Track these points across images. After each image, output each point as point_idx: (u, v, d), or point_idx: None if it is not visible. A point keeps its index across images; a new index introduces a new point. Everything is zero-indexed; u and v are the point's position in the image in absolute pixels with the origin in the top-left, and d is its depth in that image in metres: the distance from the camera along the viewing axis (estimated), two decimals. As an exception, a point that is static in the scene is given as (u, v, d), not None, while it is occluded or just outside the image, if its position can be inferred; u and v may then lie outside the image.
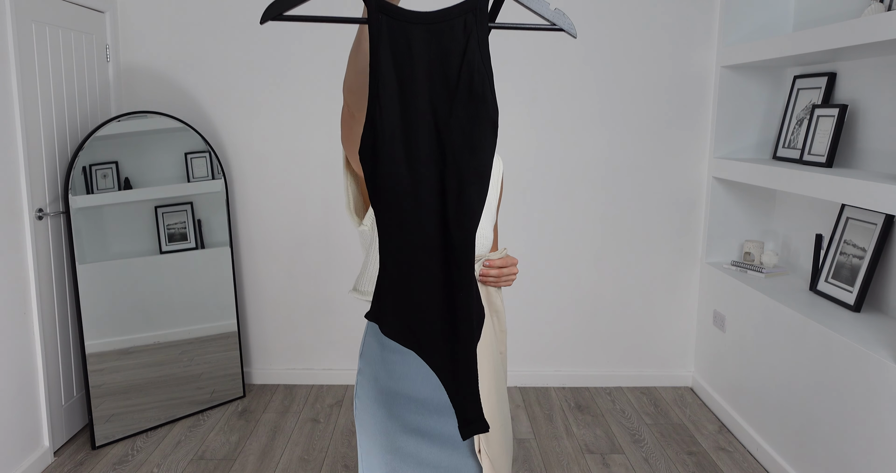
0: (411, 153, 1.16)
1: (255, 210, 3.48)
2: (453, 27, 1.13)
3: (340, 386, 3.57)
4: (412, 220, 1.19)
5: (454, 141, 1.17)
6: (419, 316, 1.23)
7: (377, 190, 1.17)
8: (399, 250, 1.20)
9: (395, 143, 1.15)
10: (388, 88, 1.13)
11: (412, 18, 1.11)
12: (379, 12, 1.09)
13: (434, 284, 1.22)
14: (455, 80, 1.15)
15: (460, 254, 1.21)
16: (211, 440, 2.98)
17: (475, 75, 1.15)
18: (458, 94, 1.16)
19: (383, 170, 1.15)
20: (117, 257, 3.05)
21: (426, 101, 1.16)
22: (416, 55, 1.13)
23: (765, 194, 3.33)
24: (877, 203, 2.14)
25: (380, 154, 1.14)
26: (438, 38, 1.13)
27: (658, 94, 3.37)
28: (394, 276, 1.21)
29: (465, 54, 1.14)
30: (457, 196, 1.19)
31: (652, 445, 2.96)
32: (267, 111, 3.39)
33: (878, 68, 2.54)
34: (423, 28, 1.13)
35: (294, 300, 3.55)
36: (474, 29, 1.14)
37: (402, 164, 1.16)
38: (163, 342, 3.14)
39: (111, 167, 3.04)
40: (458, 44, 1.14)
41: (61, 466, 2.74)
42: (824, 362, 2.39)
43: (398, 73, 1.13)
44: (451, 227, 1.20)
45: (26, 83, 2.63)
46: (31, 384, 2.68)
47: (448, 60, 1.15)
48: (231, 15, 3.34)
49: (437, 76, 1.15)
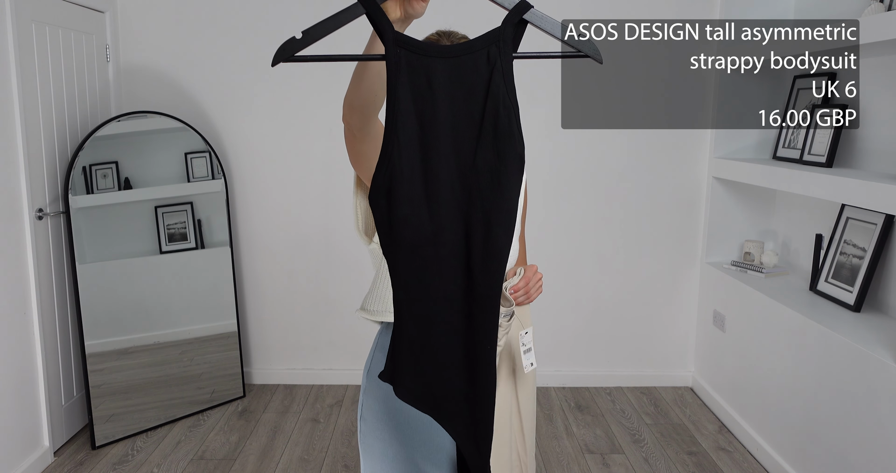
0: (432, 196, 1.07)
1: (255, 210, 3.48)
2: (476, 60, 1.06)
3: (340, 386, 3.57)
4: (433, 270, 1.09)
5: (481, 182, 1.08)
6: (440, 377, 1.12)
7: (393, 238, 1.07)
8: (417, 304, 1.09)
9: (415, 185, 1.06)
10: (408, 126, 1.05)
11: (432, 52, 1.05)
12: (397, 46, 1.03)
13: (456, 340, 1.11)
14: (480, 116, 1.07)
15: (486, 303, 1.10)
16: (211, 440, 2.98)
17: (501, 110, 1.07)
18: (483, 131, 1.07)
19: (400, 214, 1.06)
20: (117, 257, 3.05)
21: (448, 139, 1.07)
22: (437, 91, 1.06)
23: (765, 194, 3.33)
24: (877, 203, 2.14)
25: (396, 197, 1.05)
26: (460, 73, 1.06)
27: (658, 93, 3.37)
28: (412, 333, 1.10)
29: (489, 89, 1.06)
30: (483, 240, 1.09)
31: (652, 445, 2.96)
32: (267, 111, 3.39)
33: (878, 68, 2.54)
34: (444, 62, 1.05)
35: (294, 300, 3.55)
36: (498, 61, 1.06)
37: (422, 208, 1.07)
38: (163, 342, 3.14)
39: (111, 167, 3.04)
40: (482, 78, 1.06)
41: (61, 466, 2.74)
42: (824, 362, 2.39)
43: (418, 110, 1.06)
44: (476, 273, 1.10)
45: (26, 83, 2.63)
46: (31, 384, 2.68)
47: (472, 95, 1.07)
48: (231, 15, 3.34)
49: (460, 113, 1.07)
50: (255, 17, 3.32)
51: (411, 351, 1.10)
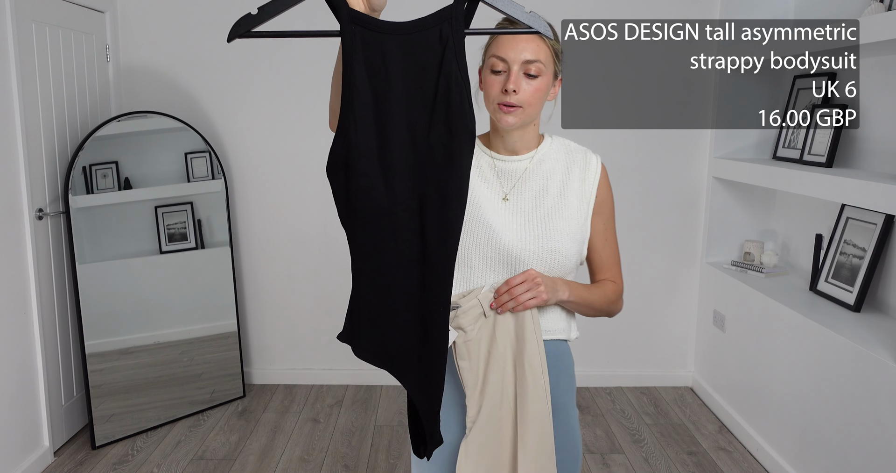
0: (387, 169, 1.11)
1: (255, 210, 3.48)
2: (429, 38, 1.09)
3: (340, 386, 3.57)
4: (389, 239, 1.14)
5: (434, 156, 1.13)
6: (395, 337, 1.20)
7: (351, 209, 1.12)
8: (375, 271, 1.16)
9: (371, 157, 1.10)
10: (363, 100, 1.08)
11: (386, 29, 1.08)
12: (352, 23, 1.06)
13: (411, 303, 1.18)
14: (433, 92, 1.11)
15: (440, 269, 1.18)
16: (211, 440, 2.98)
17: (453, 87, 1.11)
18: (436, 107, 1.11)
19: (357, 186, 1.11)
20: (117, 257, 3.05)
21: (402, 114, 1.11)
22: (391, 67, 1.09)
23: (765, 194, 3.33)
24: (877, 203, 2.14)
25: (353, 169, 1.10)
26: (414, 50, 1.09)
27: (658, 93, 3.37)
28: (369, 297, 1.17)
29: (441, 66, 1.10)
30: (437, 211, 1.15)
31: (652, 445, 2.96)
32: (267, 111, 3.39)
33: (878, 68, 2.54)
34: (398, 39, 1.08)
35: (294, 300, 3.55)
36: (450, 38, 1.09)
37: (378, 180, 1.11)
38: (163, 342, 3.14)
39: (111, 167, 3.04)
40: (435, 55, 1.09)
41: (61, 466, 2.74)
42: (824, 362, 2.39)
43: (373, 85, 1.09)
44: (431, 242, 1.16)
45: (26, 83, 2.63)
46: (31, 384, 2.68)
47: (425, 71, 1.10)
48: (231, 15, 3.32)
49: (413, 89, 1.11)
50: (255, 17, 3.32)
51: (369, 314, 1.18)
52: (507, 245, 1.34)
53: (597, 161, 1.45)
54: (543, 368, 1.32)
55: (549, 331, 1.41)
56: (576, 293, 1.38)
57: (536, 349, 1.31)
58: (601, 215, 1.44)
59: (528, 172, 1.41)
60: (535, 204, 1.38)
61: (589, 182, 1.42)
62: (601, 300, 1.44)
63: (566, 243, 1.37)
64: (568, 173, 1.42)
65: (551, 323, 1.41)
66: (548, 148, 1.44)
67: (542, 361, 1.32)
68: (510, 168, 1.41)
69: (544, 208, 1.38)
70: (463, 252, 1.35)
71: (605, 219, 1.45)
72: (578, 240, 1.40)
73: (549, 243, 1.35)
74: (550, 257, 1.36)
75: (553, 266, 1.37)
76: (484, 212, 1.36)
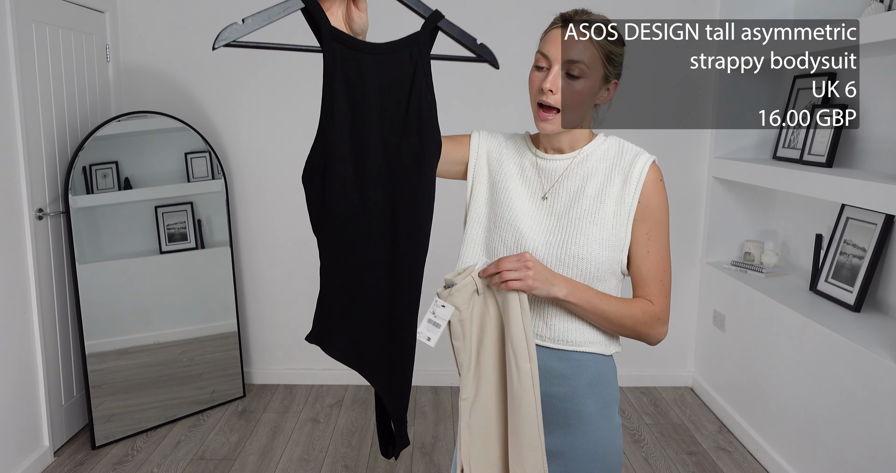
0: (361, 174, 1.19)
1: (255, 210, 3.48)
2: (400, 58, 1.21)
3: (340, 386, 3.57)
4: (362, 241, 1.21)
5: (406, 163, 1.22)
6: (364, 335, 1.24)
7: (326, 212, 1.18)
8: (347, 271, 1.21)
9: (346, 163, 1.17)
10: (341, 110, 1.16)
11: (363, 48, 1.17)
12: (333, 40, 1.14)
13: (381, 303, 1.24)
14: (405, 106, 1.21)
15: (411, 270, 1.25)
16: (211, 440, 2.98)
17: (423, 103, 1.22)
18: (408, 117, 1.21)
19: (333, 190, 1.17)
20: (117, 257, 3.05)
21: (376, 123, 1.20)
22: (367, 81, 1.18)
23: (765, 194, 3.33)
24: (877, 203, 2.14)
25: (330, 174, 1.16)
26: (387, 67, 1.19)
27: (658, 93, 3.37)
28: (341, 296, 1.22)
29: (413, 83, 1.22)
30: (409, 215, 1.22)
31: (652, 445, 2.96)
32: (267, 111, 3.39)
33: (878, 68, 2.54)
34: (374, 57, 1.18)
35: (294, 300, 3.55)
36: (419, 61, 1.22)
37: (352, 185, 1.18)
38: (163, 342, 3.14)
39: (111, 167, 3.04)
40: (406, 74, 1.21)
41: (61, 466, 2.74)
42: (824, 362, 2.39)
43: (350, 97, 1.17)
44: (402, 244, 1.23)
45: (26, 83, 2.63)
46: (31, 384, 2.68)
47: (397, 87, 1.21)
48: (231, 15, 3.33)
49: (387, 101, 1.20)
50: (255, 17, 3.32)
51: (340, 314, 1.22)
52: (533, 249, 1.31)
53: (644, 165, 1.32)
54: (532, 355, 1.25)
55: (568, 341, 1.32)
56: (580, 296, 1.27)
57: (522, 334, 1.25)
58: (644, 223, 1.31)
59: (569, 171, 1.35)
60: (569, 206, 1.32)
61: (631, 186, 1.31)
62: (622, 315, 1.30)
63: (595, 249, 1.28)
64: (610, 176, 1.33)
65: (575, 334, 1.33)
66: (595, 147, 1.36)
67: (531, 348, 1.25)
68: (551, 167, 1.36)
69: (578, 210, 1.31)
70: (493, 253, 1.35)
71: (649, 228, 1.31)
72: (611, 247, 1.30)
73: (575, 249, 1.29)
74: (574, 263, 1.28)
75: (577, 273, 1.29)
76: (515, 214, 1.34)
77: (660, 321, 1.33)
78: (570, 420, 1.33)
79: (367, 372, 1.26)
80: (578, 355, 1.33)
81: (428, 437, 3.02)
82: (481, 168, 1.42)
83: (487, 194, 1.40)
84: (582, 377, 1.33)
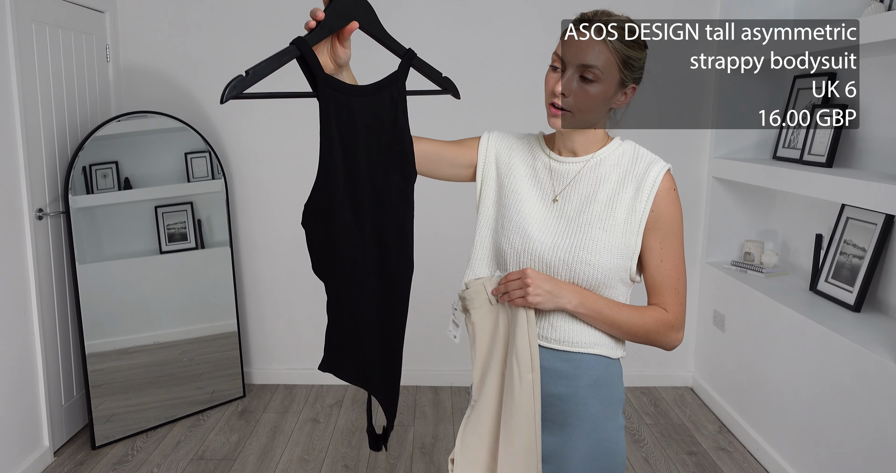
0: (356, 210, 1.25)
1: (255, 210, 3.48)
2: (382, 99, 1.28)
3: (340, 386, 3.57)
4: (362, 272, 1.28)
5: (393, 197, 1.30)
6: (368, 357, 1.34)
7: (334, 250, 1.23)
8: (351, 302, 1.29)
9: (344, 202, 1.23)
10: (337, 153, 1.22)
11: (352, 91, 1.24)
12: (326, 86, 1.20)
13: (377, 325, 1.34)
14: (388, 144, 1.29)
15: (401, 293, 1.36)
16: (211, 440, 2.98)
17: (405, 138, 1.31)
18: (392, 155, 1.29)
19: (339, 229, 1.22)
20: (117, 257, 3.05)
21: (364, 163, 1.26)
22: (357, 123, 1.24)
23: (765, 194, 3.33)
24: (877, 203, 2.14)
25: (335, 215, 1.22)
26: (372, 109, 1.27)
27: (658, 93, 3.37)
28: (348, 327, 1.30)
29: (395, 122, 1.30)
30: (399, 245, 1.32)
31: (652, 445, 2.96)
32: (267, 111, 3.39)
33: (878, 68, 2.54)
34: (361, 100, 1.25)
35: (294, 299, 3.55)
36: (399, 99, 1.31)
37: (351, 222, 1.24)
38: (163, 342, 3.14)
39: (111, 167, 3.04)
40: (388, 113, 1.29)
41: (61, 466, 2.74)
42: (824, 362, 2.39)
43: (342, 139, 1.22)
44: (394, 270, 1.33)
45: (26, 83, 2.63)
46: (31, 384, 2.68)
47: (381, 126, 1.28)
48: (231, 15, 3.34)
49: (373, 141, 1.27)
50: (255, 18, 3.32)
51: (350, 342, 1.30)
52: (540, 253, 1.30)
53: (658, 173, 1.30)
54: (535, 367, 1.27)
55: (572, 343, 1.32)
56: (590, 307, 1.28)
57: (527, 347, 1.27)
58: (657, 232, 1.30)
59: (581, 175, 1.34)
60: (580, 210, 1.31)
61: (643, 194, 1.29)
62: (634, 324, 1.30)
63: (603, 256, 1.28)
64: (623, 182, 1.31)
65: (579, 336, 1.32)
66: (610, 152, 1.35)
67: (535, 360, 1.27)
68: (564, 169, 1.35)
69: (588, 215, 1.30)
70: (499, 257, 1.35)
71: (663, 237, 1.31)
72: (620, 255, 1.29)
73: (582, 255, 1.28)
74: (581, 269, 1.28)
75: (584, 278, 1.28)
76: (523, 216, 1.33)
77: (674, 329, 1.33)
78: (571, 420, 1.33)
79: (372, 387, 1.38)
80: (582, 356, 1.33)
81: (428, 437, 3.02)
82: (490, 170, 1.41)
83: (495, 196, 1.40)
84: (584, 378, 1.33)
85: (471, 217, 1.86)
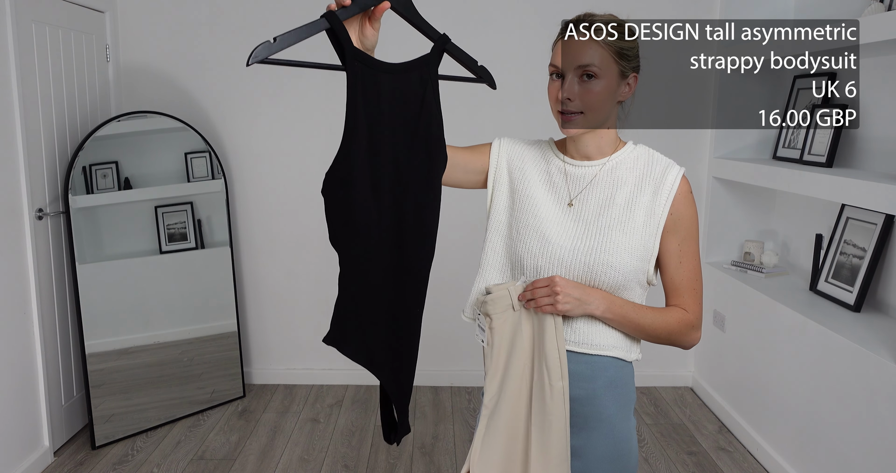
0: (375, 186, 1.26)
1: (255, 210, 3.48)
2: (412, 78, 1.28)
3: (340, 386, 3.57)
4: (376, 247, 1.28)
5: (415, 177, 1.29)
6: (375, 336, 1.31)
7: (349, 220, 1.24)
8: (363, 276, 1.28)
9: (364, 176, 1.24)
10: (361, 127, 1.22)
11: (380, 67, 1.24)
12: (354, 60, 1.21)
13: (389, 304, 1.32)
14: (414, 123, 1.29)
15: (417, 274, 1.33)
16: (211, 440, 2.98)
17: (432, 120, 1.30)
18: (418, 135, 1.29)
19: (356, 200, 1.23)
20: (117, 257, 3.05)
21: (388, 140, 1.26)
22: (382, 99, 1.25)
23: (765, 194, 3.33)
24: (877, 203, 2.14)
25: (353, 186, 1.22)
26: (400, 86, 1.27)
27: (658, 93, 3.37)
28: (358, 300, 1.29)
29: (423, 102, 1.29)
30: (416, 224, 1.30)
31: (652, 445, 2.96)
32: (267, 111, 3.39)
33: (878, 68, 2.54)
34: (389, 76, 1.25)
35: (294, 299, 3.55)
36: (429, 81, 1.30)
37: (369, 195, 1.25)
38: (163, 342, 3.14)
39: (111, 167, 3.04)
40: (417, 94, 1.29)
41: (61, 466, 2.74)
42: (824, 362, 2.39)
43: (367, 114, 1.23)
44: (409, 250, 1.30)
45: (26, 83, 2.63)
46: (31, 384, 2.68)
47: (408, 105, 1.28)
48: (231, 15, 3.34)
49: (398, 119, 1.27)
50: (255, 17, 3.32)
51: (356, 316, 1.29)
52: (559, 256, 1.30)
53: (675, 176, 1.33)
54: (564, 374, 1.28)
55: (591, 345, 1.33)
56: (617, 312, 1.30)
57: (556, 354, 1.28)
58: (675, 234, 1.33)
59: (598, 179, 1.35)
60: (598, 214, 1.32)
61: (662, 197, 1.32)
62: (658, 326, 1.34)
63: (623, 258, 1.29)
64: (640, 185, 1.33)
65: (598, 338, 1.33)
66: (624, 156, 1.37)
67: (564, 367, 1.28)
68: (579, 173, 1.36)
69: (607, 219, 1.31)
70: (515, 262, 1.35)
71: (681, 239, 1.34)
72: (639, 257, 1.31)
73: (604, 257, 1.29)
74: (602, 271, 1.29)
75: (604, 281, 1.30)
76: (541, 221, 1.33)
77: (694, 328, 1.39)
78: (590, 422, 1.34)
79: (376, 369, 1.33)
80: (599, 358, 1.34)
81: (428, 437, 3.02)
82: (502, 176, 1.41)
83: (508, 202, 1.40)
84: (600, 379, 1.34)
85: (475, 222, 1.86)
